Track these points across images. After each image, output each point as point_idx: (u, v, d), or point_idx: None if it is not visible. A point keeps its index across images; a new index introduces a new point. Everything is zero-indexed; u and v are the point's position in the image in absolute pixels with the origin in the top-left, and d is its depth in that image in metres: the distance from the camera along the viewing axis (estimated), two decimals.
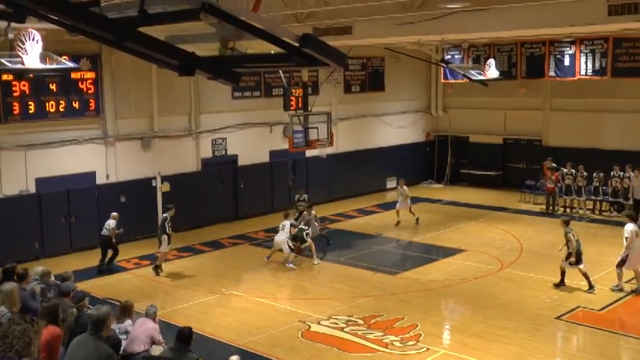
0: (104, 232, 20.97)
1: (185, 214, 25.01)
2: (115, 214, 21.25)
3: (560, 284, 18.47)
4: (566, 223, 18.67)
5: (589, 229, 25.36)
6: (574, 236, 18.25)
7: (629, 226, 18.19)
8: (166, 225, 20.24)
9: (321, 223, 24.24)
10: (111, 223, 20.84)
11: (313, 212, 23.36)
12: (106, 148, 23.70)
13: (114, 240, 21.01)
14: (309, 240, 21.49)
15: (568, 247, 18.20)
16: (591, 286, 18.11)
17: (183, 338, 10.21)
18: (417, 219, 25.85)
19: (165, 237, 20.19)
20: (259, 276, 20.56)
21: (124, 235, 21.58)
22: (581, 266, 18.23)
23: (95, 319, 7.85)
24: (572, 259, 18.12)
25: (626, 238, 18.03)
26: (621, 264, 18.14)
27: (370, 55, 32.18)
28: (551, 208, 28.07)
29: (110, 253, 21.11)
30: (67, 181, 22.54)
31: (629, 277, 18.87)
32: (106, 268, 20.92)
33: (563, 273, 18.44)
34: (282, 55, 5.93)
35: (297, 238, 21.19)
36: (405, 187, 26.05)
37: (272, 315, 16.91)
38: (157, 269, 20.37)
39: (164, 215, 20.72)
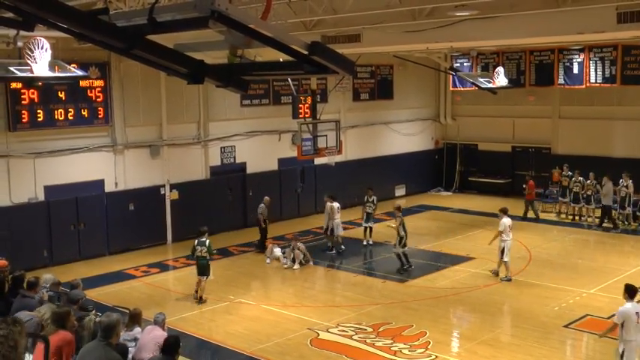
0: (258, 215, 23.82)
1: (194, 222, 25.04)
2: (267, 198, 24.01)
3: None
4: (398, 209, 21.82)
5: (598, 237, 25.32)
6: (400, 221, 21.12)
7: (504, 220, 19.93)
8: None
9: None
10: (260, 207, 23.60)
11: (336, 204, 23.55)
12: (115, 156, 23.75)
13: (263, 223, 23.64)
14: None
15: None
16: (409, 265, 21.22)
17: (167, 349, 9.66)
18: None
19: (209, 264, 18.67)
20: (268, 284, 20.58)
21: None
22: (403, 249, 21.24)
23: (105, 325, 7.86)
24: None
25: (500, 231, 19.79)
26: (502, 255, 19.80)
27: (379, 63, 32.22)
28: (531, 213, 28.39)
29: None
30: (75, 188, 22.60)
31: None
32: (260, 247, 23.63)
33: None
34: (291, 63, 5.95)
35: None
36: (332, 203, 23.81)
37: (281, 323, 16.90)
38: (201, 300, 18.55)
39: (207, 240, 18.50)
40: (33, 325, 9.66)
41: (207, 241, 18.40)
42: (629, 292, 12.39)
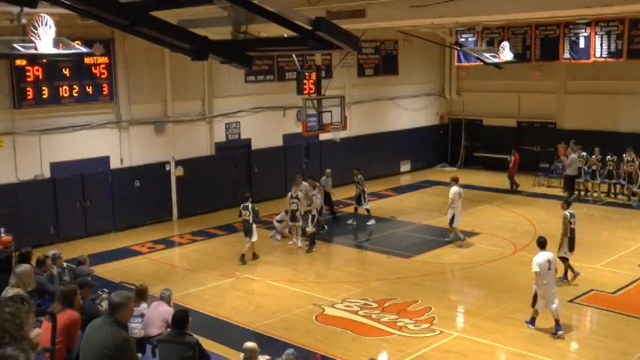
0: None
1: (199, 199, 25.16)
2: (328, 170, 24.66)
3: None
4: (314, 187, 21.97)
5: (603, 212, 25.32)
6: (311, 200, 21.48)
7: (454, 189, 21.08)
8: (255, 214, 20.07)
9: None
10: (323, 180, 23.93)
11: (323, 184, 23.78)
12: (120, 133, 23.74)
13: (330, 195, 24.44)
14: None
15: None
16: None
17: (177, 323, 10.07)
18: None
19: (254, 226, 20.03)
20: (273, 260, 20.61)
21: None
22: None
23: (111, 302, 7.86)
24: None
25: (452, 199, 20.94)
26: (451, 222, 21.10)
27: (384, 39, 32.06)
28: (515, 187, 29.30)
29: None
30: (81, 165, 22.65)
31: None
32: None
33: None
34: (295, 39, 5.93)
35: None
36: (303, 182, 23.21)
37: (286, 298, 16.97)
38: (255, 256, 20.22)
39: (251, 205, 19.98)
40: None
41: (250, 206, 19.90)
42: (540, 244, 14.47)
